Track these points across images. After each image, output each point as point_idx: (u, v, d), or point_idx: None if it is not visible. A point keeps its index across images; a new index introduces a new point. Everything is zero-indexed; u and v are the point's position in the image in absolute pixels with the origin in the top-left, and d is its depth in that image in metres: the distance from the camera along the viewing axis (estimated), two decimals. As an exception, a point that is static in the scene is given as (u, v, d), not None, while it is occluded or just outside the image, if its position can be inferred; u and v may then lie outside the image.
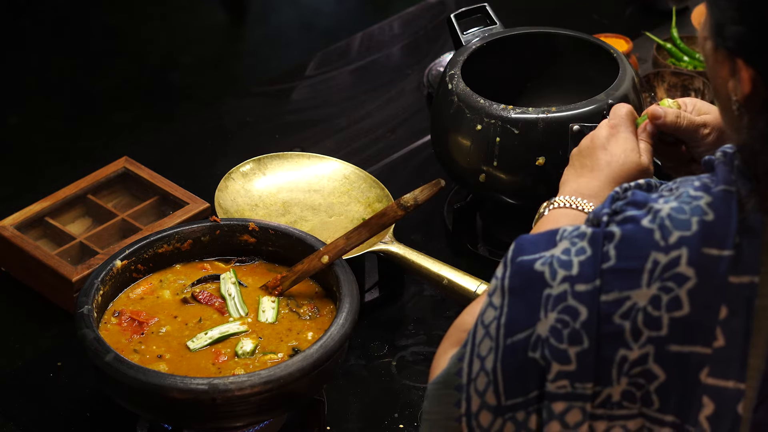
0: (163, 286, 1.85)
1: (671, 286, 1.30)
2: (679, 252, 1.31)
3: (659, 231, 1.32)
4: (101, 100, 4.14)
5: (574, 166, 1.72)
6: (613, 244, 1.34)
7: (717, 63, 1.35)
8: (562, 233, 1.39)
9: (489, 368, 1.37)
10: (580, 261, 1.35)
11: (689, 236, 1.31)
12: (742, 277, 1.30)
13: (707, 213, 1.32)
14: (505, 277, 1.39)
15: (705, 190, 1.34)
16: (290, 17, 4.64)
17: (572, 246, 1.36)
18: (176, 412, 1.66)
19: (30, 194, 2.12)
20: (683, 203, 1.33)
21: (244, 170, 2.10)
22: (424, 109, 2.44)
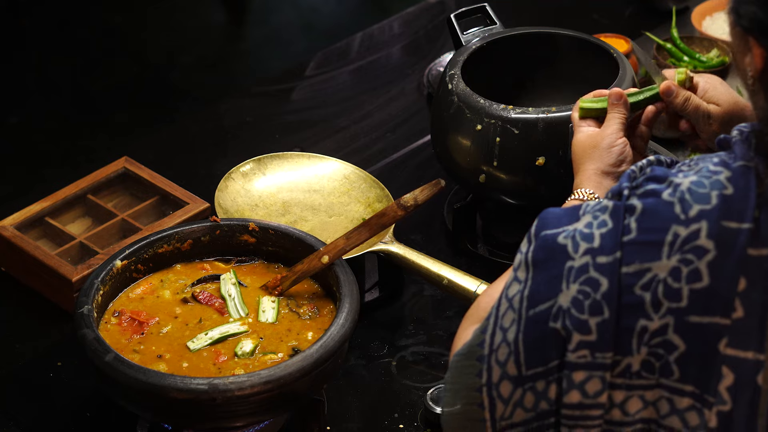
0: (164, 286, 1.85)
1: (691, 259, 1.34)
2: (699, 225, 1.34)
3: (679, 204, 1.35)
4: (101, 100, 4.14)
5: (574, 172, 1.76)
6: (634, 217, 1.37)
7: (735, 38, 1.39)
8: (585, 208, 1.43)
9: (511, 339, 1.40)
10: (601, 233, 1.38)
11: (709, 209, 1.34)
12: (761, 249, 1.33)
13: (726, 187, 1.35)
14: (529, 251, 1.42)
15: (724, 165, 1.37)
16: (290, 17, 4.64)
17: (594, 219, 1.40)
18: (176, 412, 1.66)
19: (30, 194, 2.12)
20: (703, 177, 1.36)
21: (244, 170, 2.10)
22: (424, 109, 2.44)
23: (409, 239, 2.10)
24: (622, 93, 1.76)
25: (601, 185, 1.70)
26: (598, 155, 1.72)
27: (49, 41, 4.39)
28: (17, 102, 4.12)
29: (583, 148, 1.74)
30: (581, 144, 1.75)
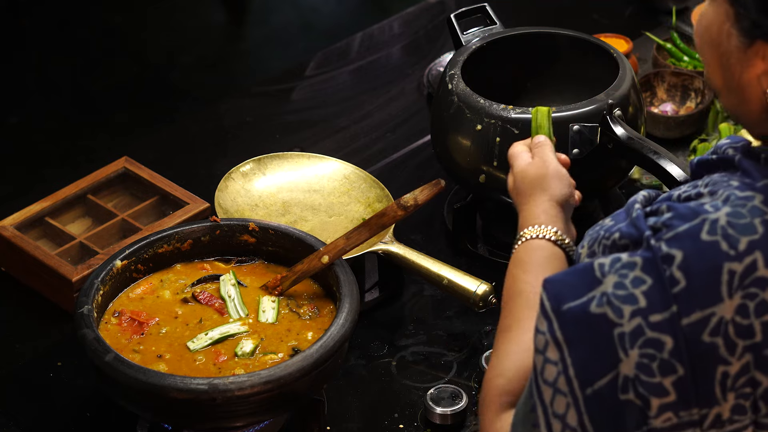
0: (164, 286, 1.85)
1: (755, 292, 1.29)
2: (752, 257, 1.29)
3: (725, 241, 1.29)
4: (101, 100, 4.14)
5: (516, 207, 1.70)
6: (676, 265, 1.29)
7: (745, 59, 1.33)
8: (600, 268, 1.33)
9: (574, 424, 1.32)
10: (644, 292, 1.30)
11: (758, 239, 1.29)
12: None
13: (766, 212, 1.31)
14: (555, 330, 1.33)
15: (751, 188, 1.32)
16: (290, 17, 4.64)
17: (623, 279, 1.31)
18: (176, 412, 1.66)
19: (30, 194, 2.12)
20: (738, 207, 1.31)
21: (244, 170, 2.10)
22: (424, 109, 2.44)
23: (409, 239, 2.10)
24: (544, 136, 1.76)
25: (557, 218, 1.62)
26: (548, 184, 1.66)
27: (49, 41, 4.40)
28: (17, 102, 4.12)
29: (530, 178, 1.68)
30: (528, 173, 1.69)
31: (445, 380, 1.87)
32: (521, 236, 1.60)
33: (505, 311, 1.54)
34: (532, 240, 1.59)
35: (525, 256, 1.58)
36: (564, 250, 1.59)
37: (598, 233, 1.40)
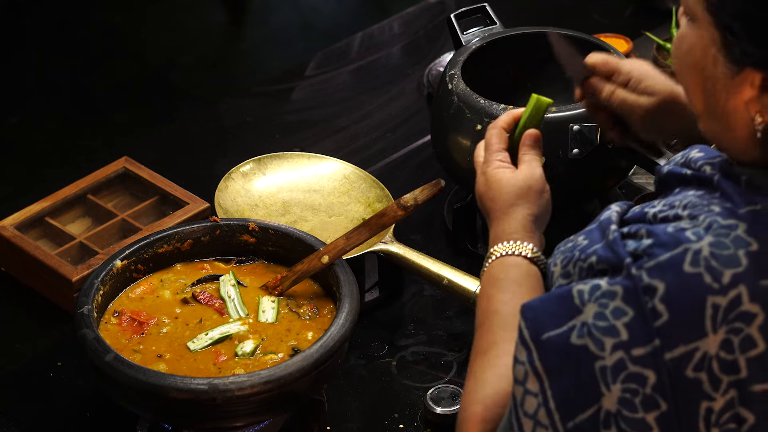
0: (164, 286, 1.85)
1: (740, 327, 1.26)
2: (737, 291, 1.25)
3: (708, 273, 1.26)
4: (101, 100, 4.14)
5: (485, 216, 1.63)
6: (658, 298, 1.26)
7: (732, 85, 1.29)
8: (580, 296, 1.30)
9: None
10: (625, 324, 1.27)
11: (742, 272, 1.26)
12: None
13: (750, 243, 1.27)
14: (535, 360, 1.30)
15: (733, 215, 1.29)
16: (290, 17, 4.64)
17: (604, 308, 1.28)
18: (176, 412, 1.66)
19: (30, 194, 2.12)
20: (721, 236, 1.27)
21: (244, 170, 2.10)
22: (424, 109, 2.44)
23: (409, 239, 2.10)
24: (540, 136, 1.67)
25: (534, 235, 1.57)
26: (532, 199, 1.59)
27: (49, 41, 4.40)
28: (17, 102, 4.12)
29: (516, 189, 1.60)
30: (513, 184, 1.60)
31: (445, 380, 1.87)
32: (495, 251, 1.55)
33: (481, 332, 1.50)
34: (508, 257, 1.54)
35: (500, 274, 1.53)
36: (539, 267, 1.54)
37: (573, 253, 1.36)
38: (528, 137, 1.66)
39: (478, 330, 1.51)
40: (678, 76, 1.38)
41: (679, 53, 1.35)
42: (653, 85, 1.69)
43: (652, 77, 1.70)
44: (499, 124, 1.68)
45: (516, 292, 1.50)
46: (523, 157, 1.64)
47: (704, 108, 1.35)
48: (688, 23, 1.34)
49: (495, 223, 1.59)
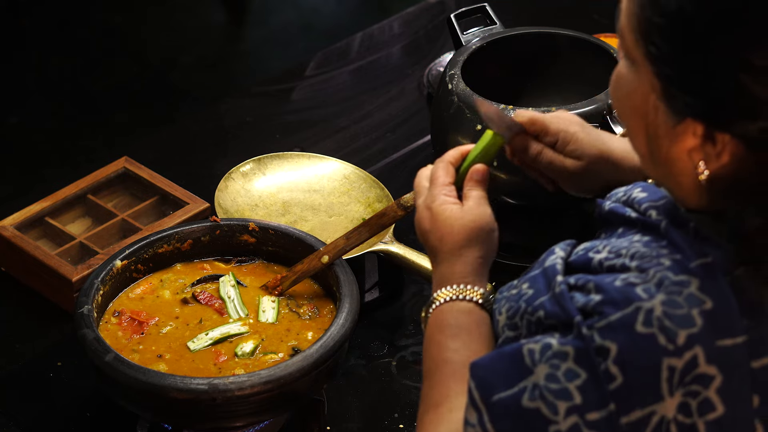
0: (164, 286, 1.85)
1: (697, 390, 1.23)
2: (692, 352, 1.22)
3: (662, 334, 1.22)
4: (101, 100, 4.14)
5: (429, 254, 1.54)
6: (611, 360, 1.23)
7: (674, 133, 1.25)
8: (530, 355, 1.27)
9: None
10: (578, 386, 1.24)
11: (697, 332, 1.22)
12: (763, 359, 1.24)
13: (704, 301, 1.23)
14: (485, 422, 1.28)
15: (684, 270, 1.25)
16: (290, 17, 4.64)
17: (555, 370, 1.25)
18: (176, 412, 1.66)
19: (30, 194, 2.12)
20: (673, 294, 1.23)
21: (244, 170, 2.10)
22: (424, 109, 2.44)
23: (409, 239, 2.09)
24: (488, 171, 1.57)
25: (484, 279, 1.49)
26: (483, 240, 1.49)
27: (49, 41, 4.40)
28: (17, 102, 4.12)
29: (466, 230, 1.49)
30: (463, 224, 1.49)
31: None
32: (443, 295, 1.47)
33: (431, 382, 1.44)
34: (458, 301, 1.46)
35: (450, 319, 1.45)
36: (488, 312, 1.47)
37: (519, 304, 1.34)
38: (475, 172, 1.55)
39: (427, 379, 1.44)
40: (618, 114, 1.33)
41: (619, 95, 1.31)
42: (580, 148, 1.63)
43: (579, 140, 1.63)
44: (447, 158, 1.57)
45: (467, 340, 1.43)
46: (470, 193, 1.53)
47: (647, 152, 1.30)
48: (626, 64, 1.29)
49: (442, 264, 1.50)
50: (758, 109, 1.19)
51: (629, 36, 1.26)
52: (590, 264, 1.32)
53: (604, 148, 1.64)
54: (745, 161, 1.22)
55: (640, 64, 1.26)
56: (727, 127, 1.21)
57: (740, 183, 1.22)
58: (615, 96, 1.32)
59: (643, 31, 1.24)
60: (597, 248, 1.33)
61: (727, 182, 1.23)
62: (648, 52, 1.24)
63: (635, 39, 1.25)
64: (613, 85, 1.32)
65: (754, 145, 1.21)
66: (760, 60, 1.18)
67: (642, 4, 1.23)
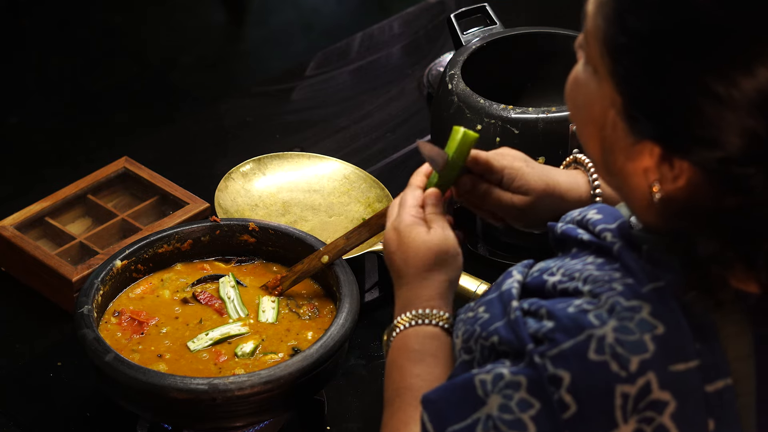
0: (164, 286, 1.85)
1: (651, 416, 1.22)
2: (645, 378, 1.21)
3: (614, 361, 1.21)
4: (101, 100, 4.14)
5: (393, 276, 1.53)
6: (565, 389, 1.22)
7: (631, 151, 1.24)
8: (482, 386, 1.27)
9: None
10: (532, 417, 1.23)
11: (650, 358, 1.22)
12: (716, 383, 1.23)
13: (656, 326, 1.23)
14: None
15: (636, 295, 1.24)
16: (290, 17, 4.64)
17: (508, 400, 1.24)
18: (176, 412, 1.66)
19: (30, 194, 2.12)
20: (625, 320, 1.23)
21: (244, 170, 2.10)
22: (424, 109, 2.44)
23: (409, 239, 2.09)
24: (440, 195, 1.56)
25: (449, 302, 1.48)
26: (448, 264, 1.49)
27: (49, 41, 4.40)
28: (17, 102, 4.12)
29: (432, 253, 1.48)
30: (429, 247, 1.48)
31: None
32: (407, 319, 1.46)
33: (392, 409, 1.42)
34: (424, 326, 1.45)
35: (415, 344, 1.44)
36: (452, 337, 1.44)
37: (474, 328, 1.33)
38: (429, 196, 1.55)
39: (389, 406, 1.43)
40: (573, 121, 1.32)
41: (576, 102, 1.30)
42: (526, 184, 1.61)
43: (525, 175, 1.61)
44: (414, 183, 1.58)
45: (431, 365, 1.42)
46: (433, 218, 1.53)
47: (602, 163, 1.30)
48: (588, 70, 1.28)
49: (408, 287, 1.48)
50: (717, 138, 1.18)
51: (595, 45, 1.25)
52: (544, 287, 1.32)
53: (550, 182, 1.63)
54: (702, 187, 1.21)
55: (603, 76, 1.25)
56: (685, 154, 1.20)
57: (695, 207, 1.21)
58: (571, 99, 1.31)
59: (609, 47, 1.23)
60: (551, 270, 1.33)
61: (682, 205, 1.22)
62: (613, 69, 1.23)
63: (601, 51, 1.24)
64: (571, 87, 1.31)
65: (711, 174, 1.20)
66: (721, 88, 1.17)
67: (609, 20, 1.22)
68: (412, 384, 1.41)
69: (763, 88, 1.16)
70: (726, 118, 1.17)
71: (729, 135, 1.17)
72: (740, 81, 1.16)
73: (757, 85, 1.16)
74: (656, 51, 1.19)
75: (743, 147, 1.17)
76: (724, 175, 1.19)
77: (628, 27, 1.20)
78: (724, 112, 1.17)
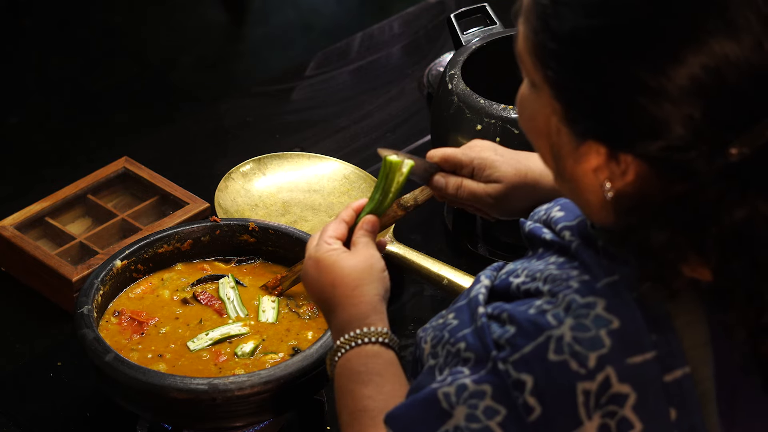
0: (164, 286, 1.85)
1: (614, 410, 1.24)
2: (604, 373, 1.23)
3: (573, 359, 1.24)
4: (101, 100, 4.14)
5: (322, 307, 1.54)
6: (528, 392, 1.24)
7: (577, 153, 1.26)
8: (446, 399, 1.28)
9: None
10: (499, 423, 1.25)
11: (607, 353, 1.23)
12: (674, 372, 1.25)
13: (611, 321, 1.24)
14: None
15: (591, 292, 1.26)
16: (290, 17, 4.64)
17: (474, 410, 1.26)
18: (176, 412, 1.66)
19: (30, 194, 2.12)
20: (581, 317, 1.25)
21: (244, 170, 2.10)
22: (424, 109, 2.44)
23: (409, 239, 2.09)
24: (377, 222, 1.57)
25: (384, 316, 1.48)
26: (376, 277, 1.49)
27: (49, 41, 4.40)
28: (17, 102, 4.12)
29: (358, 270, 1.49)
30: (354, 265, 1.49)
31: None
32: (347, 342, 1.45)
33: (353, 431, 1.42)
34: (364, 345, 1.45)
35: (359, 366, 1.44)
36: (394, 350, 1.46)
37: (443, 334, 1.34)
38: (365, 222, 1.57)
39: (349, 429, 1.42)
40: (527, 137, 1.35)
41: (523, 116, 1.33)
42: (497, 171, 1.65)
43: (494, 163, 1.65)
44: (340, 216, 1.59)
45: (380, 383, 1.42)
46: (358, 240, 1.54)
47: (555, 170, 1.32)
48: (528, 85, 1.31)
49: (338, 311, 1.48)
50: (657, 129, 1.20)
51: (527, 59, 1.27)
52: (509, 289, 1.34)
53: (520, 167, 1.66)
54: (650, 179, 1.23)
55: (540, 87, 1.27)
56: (629, 148, 1.22)
57: (646, 200, 1.23)
58: (521, 115, 1.34)
59: (539, 56, 1.25)
60: (516, 272, 1.35)
61: (634, 199, 1.24)
62: (546, 76, 1.25)
63: (533, 62, 1.26)
64: (519, 104, 1.34)
65: (656, 164, 1.22)
66: (654, 81, 1.19)
67: (536, 29, 1.25)
68: (366, 406, 1.41)
69: (695, 75, 1.18)
70: (663, 109, 1.19)
71: (668, 124, 1.19)
72: (672, 72, 1.18)
73: (689, 72, 1.18)
74: (585, 52, 1.21)
75: (682, 134, 1.19)
76: (668, 163, 1.21)
77: (554, 32, 1.23)
78: (661, 104, 1.19)
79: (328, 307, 1.51)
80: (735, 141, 1.19)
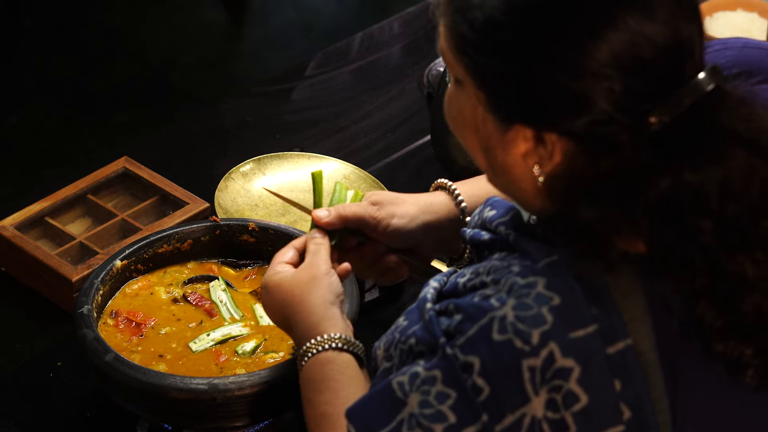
0: (159, 284, 1.85)
1: (559, 384, 1.26)
2: (548, 349, 1.26)
3: (517, 337, 1.26)
4: (101, 100, 4.14)
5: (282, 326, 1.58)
6: (476, 373, 1.27)
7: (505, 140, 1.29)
8: (401, 388, 1.31)
9: None
10: (450, 406, 1.28)
11: (549, 329, 1.26)
12: (616, 344, 1.27)
13: (552, 297, 1.27)
14: None
15: (531, 272, 1.29)
16: (290, 17, 4.64)
17: (426, 395, 1.29)
18: (176, 412, 1.66)
19: (30, 194, 2.12)
20: (523, 297, 1.27)
21: (244, 170, 2.10)
22: (424, 109, 2.44)
23: (409, 239, 2.09)
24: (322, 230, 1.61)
25: (337, 321, 1.51)
26: (321, 284, 1.53)
27: (49, 41, 4.40)
28: (17, 102, 4.12)
29: (300, 283, 1.53)
30: (295, 280, 1.54)
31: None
32: (304, 354, 1.49)
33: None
34: (319, 355, 1.48)
35: (315, 375, 1.48)
36: (352, 352, 1.50)
37: (395, 336, 1.37)
38: (311, 233, 1.61)
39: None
40: (456, 136, 1.38)
41: (451, 115, 1.36)
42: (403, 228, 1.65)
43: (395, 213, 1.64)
44: (291, 243, 1.63)
45: (335, 389, 1.46)
46: (307, 251, 1.59)
47: (487, 164, 1.35)
48: (455, 84, 1.34)
49: (293, 326, 1.53)
50: (580, 104, 1.24)
51: (448, 54, 1.31)
52: (456, 289, 1.36)
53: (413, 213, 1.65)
54: (577, 157, 1.26)
55: (463, 79, 1.31)
56: (554, 127, 1.26)
57: (575, 179, 1.26)
58: (448, 117, 1.37)
59: (458, 46, 1.29)
60: (463, 273, 1.37)
61: (564, 181, 1.27)
62: (467, 66, 1.28)
63: (454, 56, 1.30)
64: (446, 105, 1.37)
65: (581, 140, 1.26)
66: (574, 58, 1.22)
67: (453, 20, 1.28)
68: (324, 412, 1.45)
69: (615, 50, 1.22)
70: (585, 84, 1.23)
71: (590, 99, 1.23)
72: (592, 48, 1.22)
73: (609, 48, 1.22)
74: (503, 36, 1.24)
75: (605, 107, 1.23)
76: (593, 138, 1.25)
77: (471, 21, 1.26)
78: (582, 79, 1.23)
79: (286, 327, 1.56)
80: (653, 110, 1.22)
